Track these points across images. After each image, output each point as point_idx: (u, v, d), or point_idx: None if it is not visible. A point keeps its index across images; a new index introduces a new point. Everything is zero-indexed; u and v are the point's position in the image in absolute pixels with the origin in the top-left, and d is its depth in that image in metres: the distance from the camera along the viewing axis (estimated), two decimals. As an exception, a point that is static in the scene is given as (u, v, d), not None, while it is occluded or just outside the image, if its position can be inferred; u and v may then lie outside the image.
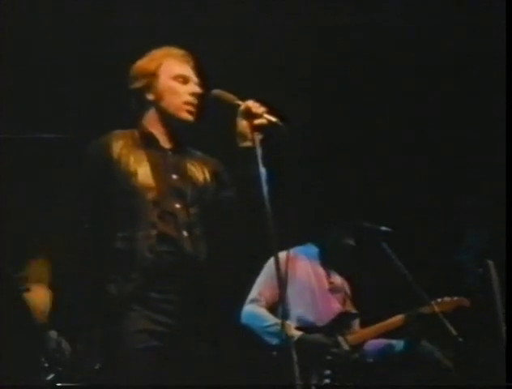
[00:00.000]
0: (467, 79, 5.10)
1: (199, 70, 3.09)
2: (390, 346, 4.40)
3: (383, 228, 4.33)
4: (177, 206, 2.94)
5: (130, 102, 3.07)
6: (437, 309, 4.17)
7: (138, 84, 3.03)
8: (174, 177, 2.99)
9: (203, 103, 3.03)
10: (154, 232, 2.88)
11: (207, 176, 3.06)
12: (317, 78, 5.16)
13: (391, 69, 5.13)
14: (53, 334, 4.24)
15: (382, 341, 4.42)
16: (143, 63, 3.06)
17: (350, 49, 5.06)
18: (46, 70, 4.70)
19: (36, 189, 4.57)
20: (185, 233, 2.91)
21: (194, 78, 3.06)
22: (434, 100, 5.16)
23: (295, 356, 2.59)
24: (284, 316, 2.91)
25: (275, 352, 4.13)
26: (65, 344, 4.18)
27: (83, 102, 4.78)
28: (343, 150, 5.31)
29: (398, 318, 4.31)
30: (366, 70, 5.15)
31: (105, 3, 4.69)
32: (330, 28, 4.96)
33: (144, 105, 3.04)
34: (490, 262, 4.09)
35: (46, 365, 4.10)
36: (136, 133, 3.04)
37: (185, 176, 3.01)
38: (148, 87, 3.01)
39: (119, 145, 2.96)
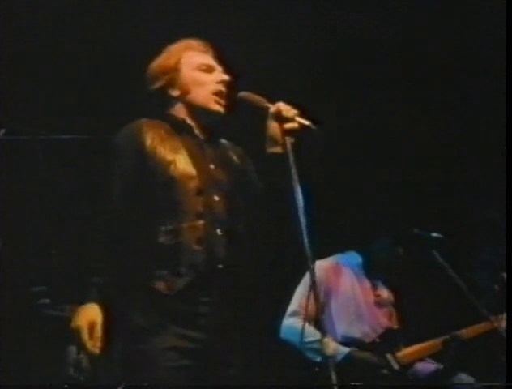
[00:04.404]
0: (467, 79, 5.00)
1: (222, 59, 2.99)
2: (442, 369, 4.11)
3: (434, 234, 3.99)
4: (216, 198, 2.76)
5: (151, 103, 2.93)
6: (497, 324, 3.87)
7: (159, 83, 2.89)
8: (212, 166, 2.83)
9: (233, 93, 2.90)
10: (200, 222, 2.71)
11: (246, 169, 2.92)
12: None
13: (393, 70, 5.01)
14: (73, 350, 3.91)
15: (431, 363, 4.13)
16: (162, 61, 2.93)
17: (350, 48, 4.97)
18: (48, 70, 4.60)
19: (59, 189, 4.36)
20: (218, 232, 2.73)
21: (217, 66, 2.93)
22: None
23: (334, 377, 2.43)
24: (326, 331, 2.61)
25: (316, 369, 3.87)
26: (85, 363, 3.86)
27: (97, 99, 4.69)
28: (387, 152, 5.12)
29: (439, 340, 4.03)
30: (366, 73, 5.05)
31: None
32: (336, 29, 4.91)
33: (168, 102, 2.90)
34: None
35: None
36: (166, 124, 2.88)
37: (223, 167, 2.86)
38: (171, 84, 2.88)
39: (151, 134, 2.80)
